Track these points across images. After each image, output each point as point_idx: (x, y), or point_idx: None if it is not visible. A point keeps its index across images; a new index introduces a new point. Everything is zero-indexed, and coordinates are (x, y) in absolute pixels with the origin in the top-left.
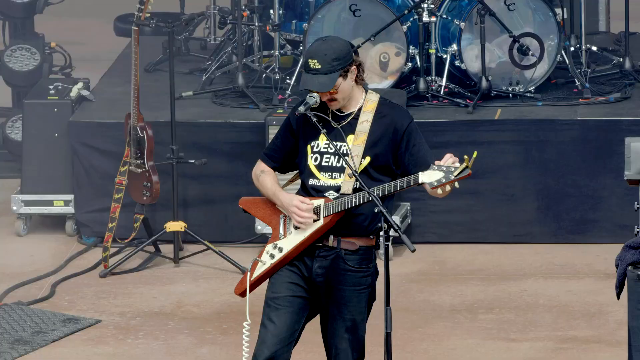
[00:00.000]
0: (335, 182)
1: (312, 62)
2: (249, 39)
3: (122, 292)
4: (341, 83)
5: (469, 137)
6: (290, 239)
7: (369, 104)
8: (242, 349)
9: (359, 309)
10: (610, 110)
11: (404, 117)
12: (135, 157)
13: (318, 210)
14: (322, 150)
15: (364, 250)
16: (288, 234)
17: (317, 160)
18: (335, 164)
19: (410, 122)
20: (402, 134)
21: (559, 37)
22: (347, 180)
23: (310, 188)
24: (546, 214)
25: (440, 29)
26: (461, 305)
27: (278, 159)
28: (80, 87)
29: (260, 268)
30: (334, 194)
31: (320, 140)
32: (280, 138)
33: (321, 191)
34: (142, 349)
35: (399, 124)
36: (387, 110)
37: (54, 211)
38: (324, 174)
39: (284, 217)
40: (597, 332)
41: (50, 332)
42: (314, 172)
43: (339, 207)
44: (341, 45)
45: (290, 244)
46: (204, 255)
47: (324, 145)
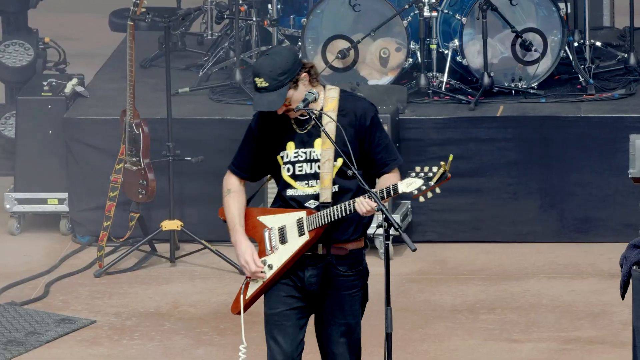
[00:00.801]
0: (313, 190)
1: (259, 80)
2: (247, 34)
3: (117, 292)
4: (293, 94)
5: (470, 134)
6: (278, 255)
7: (330, 102)
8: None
9: (353, 312)
10: (615, 107)
11: (367, 109)
12: (130, 154)
13: (302, 224)
14: (293, 160)
15: (354, 253)
16: (275, 249)
17: (290, 171)
18: (309, 171)
19: (374, 115)
20: (367, 127)
21: (563, 33)
22: (325, 187)
23: (289, 199)
24: (549, 213)
25: (442, 24)
26: (462, 305)
27: (247, 169)
28: (74, 83)
29: (253, 287)
30: (315, 203)
31: (288, 149)
32: (247, 147)
33: (301, 201)
34: (137, 350)
35: (363, 118)
36: (349, 105)
37: (48, 209)
38: (300, 183)
39: (268, 231)
40: (601, 332)
41: (44, 333)
42: (291, 183)
43: (323, 220)
44: (286, 58)
45: (279, 260)
46: (201, 255)
47: (294, 154)
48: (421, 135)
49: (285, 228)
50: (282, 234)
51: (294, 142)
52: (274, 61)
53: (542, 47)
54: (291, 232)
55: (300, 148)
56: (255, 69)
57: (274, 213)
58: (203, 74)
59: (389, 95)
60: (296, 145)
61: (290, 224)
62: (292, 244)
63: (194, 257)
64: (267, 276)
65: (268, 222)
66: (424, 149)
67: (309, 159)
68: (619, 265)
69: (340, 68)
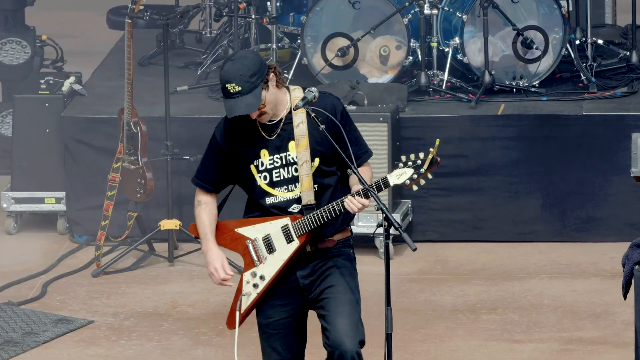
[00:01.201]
0: (294, 195)
1: (231, 86)
2: (246, 32)
3: (115, 292)
4: (265, 95)
5: (471, 133)
6: (269, 265)
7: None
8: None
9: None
10: (617, 105)
11: (336, 104)
12: (128, 153)
13: (288, 231)
14: (269, 167)
15: (341, 241)
16: (263, 259)
17: (267, 179)
18: (286, 176)
19: (342, 108)
20: (338, 122)
21: (564, 30)
22: (305, 189)
23: (269, 207)
24: (551, 212)
25: (442, 21)
26: (463, 305)
27: (212, 181)
28: (72, 81)
29: (246, 301)
30: (297, 207)
31: (262, 157)
32: (211, 160)
33: (284, 207)
34: (135, 350)
35: (332, 113)
36: (317, 103)
37: (45, 209)
38: (279, 189)
39: (251, 242)
40: (603, 333)
41: (41, 333)
42: (269, 191)
43: (312, 224)
44: (253, 60)
45: (271, 270)
46: (199, 254)
47: (269, 161)
48: (421, 134)
49: (271, 237)
50: (268, 244)
51: (267, 149)
52: (242, 65)
53: (543, 45)
54: (278, 240)
55: (275, 154)
56: (224, 75)
57: (253, 223)
58: (201, 72)
59: (389, 94)
60: (270, 152)
61: (274, 232)
62: (282, 252)
63: (193, 256)
64: (261, 288)
65: (249, 233)
66: (424, 148)
67: (285, 164)
68: (621, 265)
69: (339, 66)
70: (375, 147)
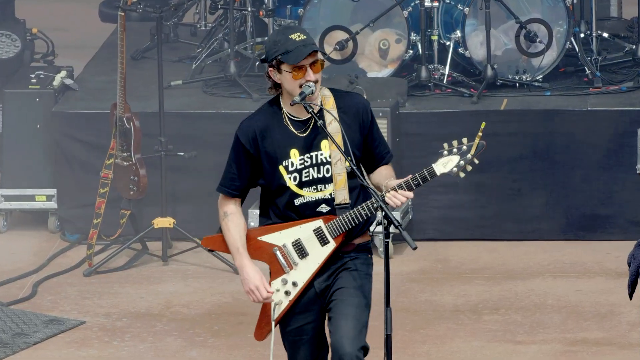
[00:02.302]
0: (323, 195)
1: (296, 35)
2: (242, 25)
3: (107, 292)
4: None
5: (473, 129)
6: (301, 270)
7: (328, 100)
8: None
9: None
10: (622, 100)
11: (366, 104)
12: (121, 149)
13: (322, 233)
14: (299, 167)
15: (361, 245)
16: (294, 265)
17: (296, 180)
18: (316, 176)
19: (369, 105)
20: (368, 120)
21: (568, 23)
22: (339, 188)
23: (299, 208)
24: (555, 210)
25: (443, 14)
26: (465, 305)
27: (239, 187)
28: (63, 75)
29: (278, 310)
30: (326, 207)
31: (292, 157)
32: (237, 165)
33: (313, 207)
34: (128, 351)
35: (365, 113)
36: (348, 102)
37: (35, 206)
38: (308, 189)
39: (279, 249)
40: (609, 333)
41: (31, 334)
42: (297, 192)
43: (349, 224)
44: None
45: (304, 275)
46: (194, 253)
47: (299, 161)
48: (422, 129)
49: (302, 241)
50: (299, 248)
51: (297, 148)
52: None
53: (547, 38)
54: (311, 244)
55: (305, 153)
56: (285, 31)
57: (278, 229)
58: (196, 66)
59: (389, 88)
60: (300, 152)
61: (306, 236)
62: (317, 255)
63: (187, 255)
64: (293, 294)
65: (275, 240)
66: (424, 144)
67: (316, 163)
68: (626, 264)
69: (338, 60)
70: None
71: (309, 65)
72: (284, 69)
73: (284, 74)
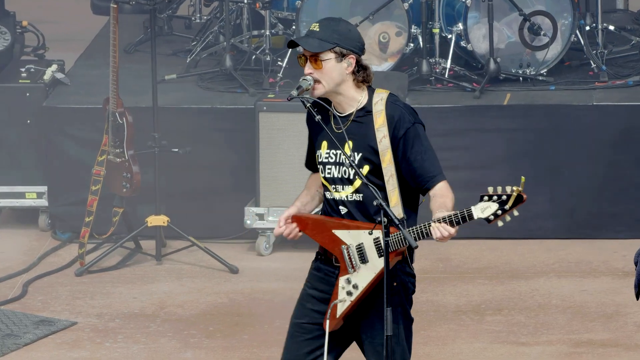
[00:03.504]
0: (340, 196)
1: (315, 25)
2: (238, 18)
3: (99, 292)
4: (330, 62)
5: (475, 124)
6: (362, 275)
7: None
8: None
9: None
10: (629, 95)
11: (403, 119)
12: (114, 145)
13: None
14: (324, 161)
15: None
16: (357, 267)
17: (323, 172)
18: (336, 175)
19: (410, 126)
20: (399, 138)
21: (573, 16)
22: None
23: (329, 201)
24: (559, 207)
25: (445, 6)
26: (467, 306)
27: (310, 163)
28: (54, 69)
29: (342, 307)
30: (344, 209)
31: (322, 149)
32: (309, 141)
33: (334, 205)
34: (121, 353)
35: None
36: (389, 112)
37: (26, 204)
38: (330, 185)
39: (346, 248)
40: (615, 335)
41: (21, 335)
42: (326, 185)
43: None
44: (353, 29)
45: (364, 280)
46: (189, 252)
47: (325, 154)
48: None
49: (364, 247)
50: (361, 253)
51: (327, 141)
52: (340, 22)
53: (551, 31)
54: (371, 252)
55: (332, 149)
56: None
57: (347, 227)
58: (191, 59)
59: (389, 83)
60: (328, 146)
61: (368, 243)
62: (374, 265)
63: (182, 254)
64: (355, 296)
65: (344, 238)
66: None
67: (338, 162)
68: (633, 263)
69: None
70: None
71: (308, 57)
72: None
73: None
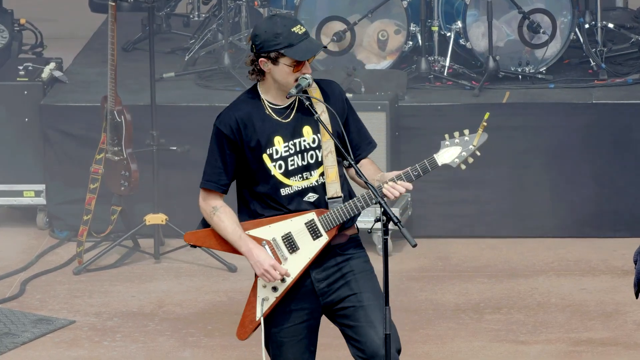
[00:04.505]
0: (309, 183)
1: (297, 28)
2: (236, 15)
3: (97, 291)
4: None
5: (474, 122)
6: (290, 265)
7: (314, 92)
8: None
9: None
10: (628, 93)
11: (342, 91)
12: (112, 143)
13: (314, 226)
14: (284, 155)
15: (353, 237)
16: (283, 260)
17: (282, 168)
18: (300, 164)
19: (346, 96)
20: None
21: (573, 14)
22: (331, 181)
23: (286, 199)
24: (559, 206)
25: (444, 4)
26: (466, 304)
27: (226, 181)
28: (52, 67)
29: (266, 305)
30: (314, 196)
31: (277, 144)
32: (222, 158)
33: (297, 197)
34: (119, 352)
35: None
36: (330, 89)
37: (23, 202)
38: (294, 178)
39: (267, 244)
40: (614, 333)
41: (19, 334)
42: (284, 181)
43: (342, 217)
44: None
45: (294, 270)
46: (187, 251)
47: (284, 148)
48: (422, 123)
49: (292, 235)
50: (289, 242)
51: (280, 135)
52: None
53: (550, 29)
54: (302, 238)
55: (290, 140)
56: (286, 22)
57: (267, 223)
58: (189, 57)
59: (388, 81)
60: (285, 139)
61: (297, 229)
62: (308, 250)
63: (180, 253)
64: (281, 290)
65: (264, 234)
66: (424, 138)
67: (300, 150)
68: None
69: (335, 52)
70: (373, 137)
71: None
72: (283, 62)
73: (281, 66)
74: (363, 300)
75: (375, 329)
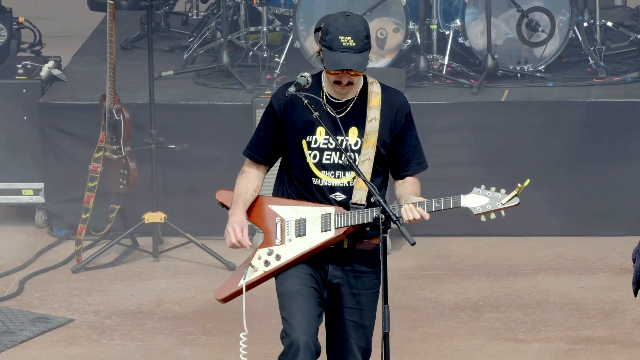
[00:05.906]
0: (340, 182)
1: (345, 39)
2: (235, 14)
3: (96, 289)
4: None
5: (473, 121)
6: (290, 247)
7: (374, 98)
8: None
9: (373, 315)
10: (627, 91)
11: (404, 104)
12: (110, 142)
13: (328, 219)
14: (322, 147)
15: (376, 249)
16: (287, 240)
17: (316, 158)
18: (337, 161)
19: (409, 111)
20: (402, 122)
21: (572, 12)
22: (359, 188)
23: (314, 188)
24: (557, 204)
25: (442, 2)
26: (465, 303)
27: (264, 153)
28: (51, 66)
29: (251, 274)
30: (340, 196)
31: (318, 134)
32: (265, 129)
33: (326, 192)
34: (118, 350)
35: (398, 109)
36: (388, 97)
37: (22, 201)
38: (326, 172)
39: (280, 221)
40: (613, 332)
41: (18, 332)
42: (315, 172)
43: (355, 220)
44: (365, 23)
45: (290, 252)
46: (186, 249)
47: (324, 140)
48: (421, 121)
49: (305, 221)
50: (299, 227)
51: (325, 127)
52: (360, 22)
53: (549, 27)
54: (312, 226)
55: (332, 135)
56: (340, 27)
57: (292, 204)
58: (188, 56)
59: (387, 79)
60: (327, 132)
61: (312, 217)
62: (312, 238)
63: (179, 251)
64: (272, 266)
65: (282, 213)
66: (424, 137)
67: (339, 148)
68: (631, 260)
69: None
70: None
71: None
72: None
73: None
74: (343, 320)
75: (342, 343)
